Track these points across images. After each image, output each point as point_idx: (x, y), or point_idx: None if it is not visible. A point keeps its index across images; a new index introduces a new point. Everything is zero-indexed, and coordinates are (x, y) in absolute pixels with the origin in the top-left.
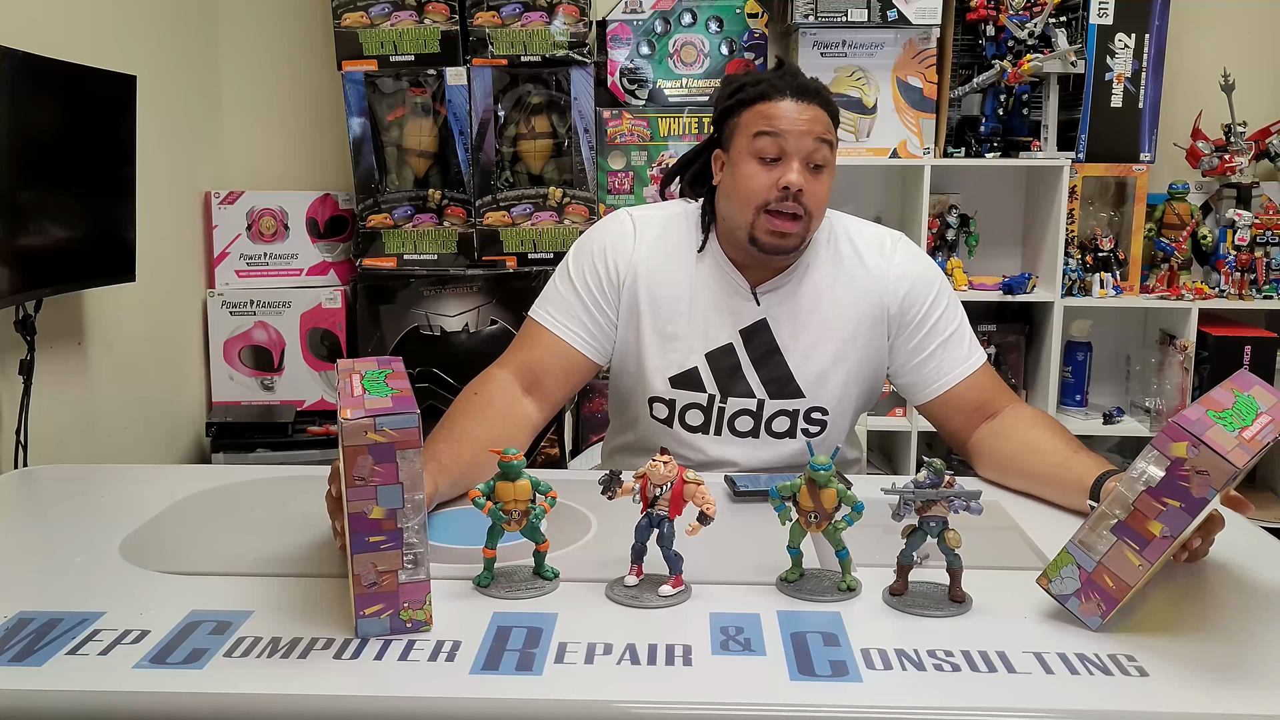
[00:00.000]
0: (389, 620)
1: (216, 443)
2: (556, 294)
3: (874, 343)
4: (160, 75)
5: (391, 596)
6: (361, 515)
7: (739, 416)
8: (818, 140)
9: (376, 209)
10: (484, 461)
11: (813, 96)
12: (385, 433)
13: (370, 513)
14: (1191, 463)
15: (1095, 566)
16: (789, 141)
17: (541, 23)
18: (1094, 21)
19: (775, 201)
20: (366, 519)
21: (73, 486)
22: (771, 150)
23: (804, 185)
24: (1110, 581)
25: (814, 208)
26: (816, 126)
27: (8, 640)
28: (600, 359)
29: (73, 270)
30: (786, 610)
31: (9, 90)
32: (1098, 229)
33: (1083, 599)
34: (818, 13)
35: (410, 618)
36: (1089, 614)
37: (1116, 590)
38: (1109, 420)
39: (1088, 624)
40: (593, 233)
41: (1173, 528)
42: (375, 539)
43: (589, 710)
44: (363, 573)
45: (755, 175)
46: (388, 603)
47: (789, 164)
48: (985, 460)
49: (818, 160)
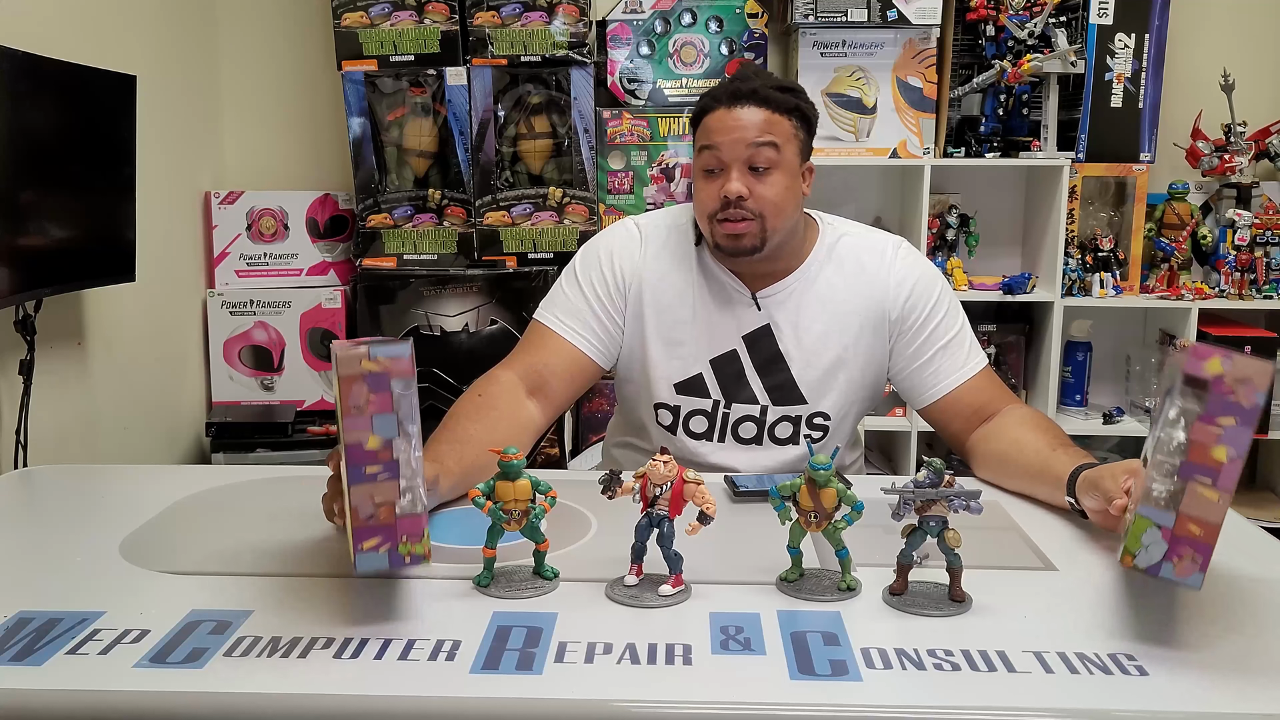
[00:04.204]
0: (388, 554)
1: (216, 443)
2: (563, 297)
3: (875, 347)
4: (160, 75)
5: (389, 530)
6: (358, 446)
7: (743, 423)
8: (754, 145)
9: (376, 209)
10: (486, 463)
11: (748, 99)
12: (379, 361)
13: (366, 443)
14: (1231, 374)
15: (1176, 519)
16: (724, 152)
17: (541, 23)
18: (1094, 21)
19: (721, 210)
20: (363, 450)
21: (73, 486)
22: (713, 162)
23: (745, 191)
24: (1197, 529)
25: (764, 208)
26: (750, 132)
27: (8, 640)
28: (605, 363)
29: (73, 270)
30: (786, 610)
31: (9, 90)
32: (1098, 229)
33: (1175, 559)
34: (818, 13)
35: (409, 551)
36: (1187, 574)
37: (1205, 535)
38: (1109, 420)
39: (1190, 585)
40: (599, 239)
41: (1237, 446)
42: (372, 469)
43: (589, 710)
44: (360, 505)
45: (703, 189)
46: (385, 535)
47: (728, 174)
48: (979, 461)
49: (759, 163)
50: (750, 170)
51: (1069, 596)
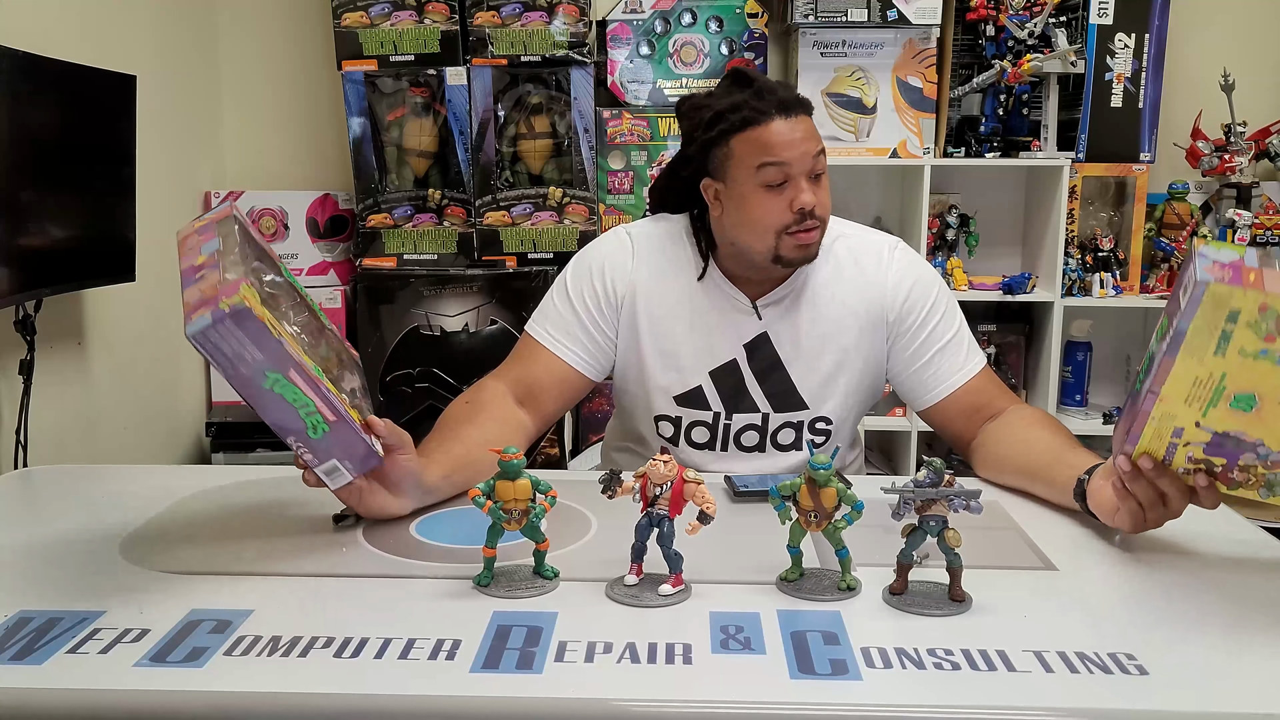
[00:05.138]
0: (210, 314)
1: (216, 443)
2: (554, 310)
3: (874, 349)
4: (160, 75)
5: (212, 299)
6: (191, 268)
7: (745, 432)
8: (815, 155)
9: (376, 209)
10: (479, 458)
11: (796, 108)
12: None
13: (196, 260)
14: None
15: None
16: (793, 166)
17: (541, 23)
18: (1094, 21)
19: (795, 224)
20: (194, 267)
21: (73, 486)
22: (778, 178)
23: (816, 201)
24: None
25: (825, 215)
26: (810, 142)
27: (8, 639)
28: (597, 376)
29: (73, 270)
30: (786, 609)
31: (9, 90)
32: (1098, 229)
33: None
34: (818, 13)
35: (229, 304)
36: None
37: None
38: (1109, 420)
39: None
40: (590, 250)
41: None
42: (199, 274)
43: (589, 709)
44: (190, 298)
45: (767, 204)
46: (209, 304)
47: (797, 185)
48: (983, 460)
49: (818, 170)
50: (812, 179)
51: (1069, 596)
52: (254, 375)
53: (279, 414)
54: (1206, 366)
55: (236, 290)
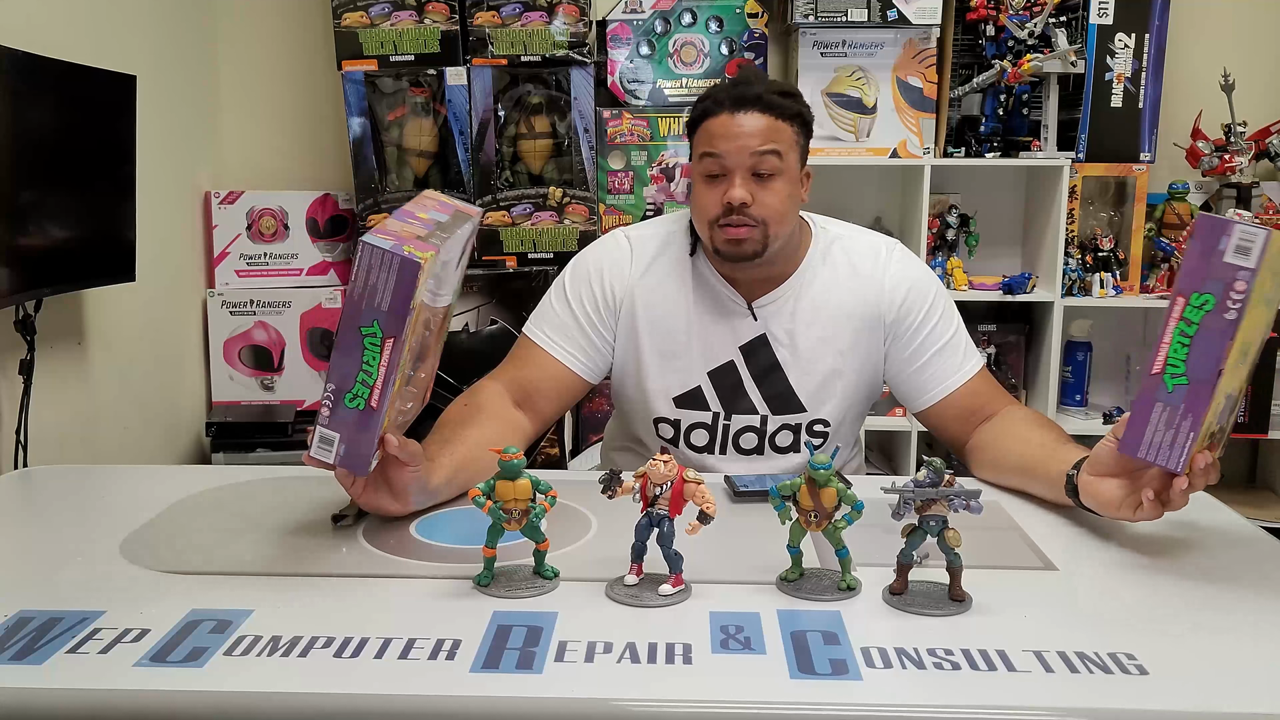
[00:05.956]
0: (393, 244)
1: (216, 443)
2: (552, 313)
3: (871, 351)
4: (159, 75)
5: (404, 239)
6: (409, 213)
7: (744, 434)
8: (758, 153)
9: (376, 209)
10: (479, 458)
11: (753, 104)
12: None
13: (419, 214)
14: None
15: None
16: (728, 159)
17: (541, 23)
18: (1094, 21)
19: (723, 217)
20: (413, 214)
21: (73, 486)
22: (715, 168)
23: (748, 198)
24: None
25: (767, 215)
26: (754, 139)
27: (8, 639)
28: (594, 379)
29: (73, 270)
30: (786, 609)
31: (9, 90)
32: (1098, 229)
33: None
34: (818, 13)
35: (411, 252)
36: None
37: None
38: (1109, 420)
39: None
40: (588, 253)
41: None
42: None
43: (589, 709)
44: (390, 224)
45: (704, 194)
46: (400, 239)
47: (731, 180)
48: (979, 461)
49: (763, 170)
50: (753, 177)
51: (1069, 596)
52: (366, 312)
53: (346, 358)
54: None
55: (425, 251)
